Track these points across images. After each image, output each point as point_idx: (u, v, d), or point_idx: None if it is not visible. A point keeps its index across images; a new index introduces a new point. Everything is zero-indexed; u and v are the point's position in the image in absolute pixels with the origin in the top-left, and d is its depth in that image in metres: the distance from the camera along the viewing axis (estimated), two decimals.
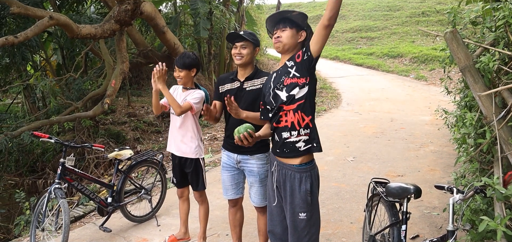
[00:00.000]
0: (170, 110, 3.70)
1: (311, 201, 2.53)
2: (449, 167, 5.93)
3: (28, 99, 9.91)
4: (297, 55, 2.56)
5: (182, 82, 3.64)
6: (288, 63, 2.60)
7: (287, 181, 2.57)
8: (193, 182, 3.78)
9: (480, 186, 2.29)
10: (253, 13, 15.05)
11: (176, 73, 3.62)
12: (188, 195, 3.96)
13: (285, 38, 2.60)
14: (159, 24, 8.10)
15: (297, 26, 2.62)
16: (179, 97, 3.68)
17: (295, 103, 2.51)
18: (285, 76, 2.56)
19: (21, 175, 8.53)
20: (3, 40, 5.30)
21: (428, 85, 13.65)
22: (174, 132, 3.74)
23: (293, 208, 2.54)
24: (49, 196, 3.83)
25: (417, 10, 24.14)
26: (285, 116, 2.55)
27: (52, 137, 4.11)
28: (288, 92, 2.53)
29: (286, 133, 2.54)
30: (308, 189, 2.52)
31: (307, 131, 2.53)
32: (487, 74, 2.53)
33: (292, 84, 2.52)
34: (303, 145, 2.52)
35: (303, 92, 2.51)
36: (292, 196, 2.54)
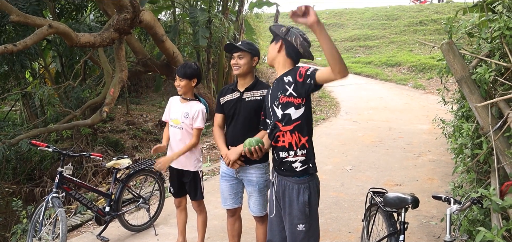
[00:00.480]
0: (170, 122, 3.71)
1: (309, 212, 2.54)
2: (447, 176, 5.94)
3: (27, 107, 9.90)
4: (299, 74, 2.50)
5: (182, 91, 3.63)
6: (285, 79, 2.58)
7: (286, 192, 2.59)
8: (192, 192, 3.76)
9: (477, 197, 2.30)
10: (252, 22, 15.11)
11: (176, 82, 3.61)
12: (185, 205, 3.95)
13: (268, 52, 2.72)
14: (158, 32, 8.13)
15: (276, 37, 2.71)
16: (179, 109, 3.67)
17: (291, 125, 2.53)
18: (281, 93, 2.56)
19: (19, 183, 8.51)
20: (2, 48, 5.31)
21: (426, 94, 13.70)
22: (173, 144, 3.71)
23: (292, 219, 2.55)
24: (47, 204, 3.82)
25: (415, 19, 24.27)
26: (282, 137, 2.57)
27: (50, 145, 4.11)
28: (283, 110, 2.54)
29: (284, 152, 2.57)
30: (306, 200, 2.53)
31: (303, 151, 2.55)
32: (483, 85, 2.55)
33: (288, 104, 2.53)
34: (299, 165, 2.55)
35: (299, 113, 2.53)
36: (291, 207, 2.56)
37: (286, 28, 2.65)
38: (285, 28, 2.65)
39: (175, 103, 3.75)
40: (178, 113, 3.65)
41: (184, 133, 3.64)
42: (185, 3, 12.25)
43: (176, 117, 3.67)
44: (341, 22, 27.84)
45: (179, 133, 3.65)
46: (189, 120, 3.61)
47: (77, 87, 8.52)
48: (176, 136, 3.67)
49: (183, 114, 3.61)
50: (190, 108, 3.62)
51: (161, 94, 13.97)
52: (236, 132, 3.17)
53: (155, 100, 13.86)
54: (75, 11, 9.36)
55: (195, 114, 3.60)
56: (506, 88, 2.59)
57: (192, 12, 10.10)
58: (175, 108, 3.70)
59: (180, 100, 3.72)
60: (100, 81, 9.12)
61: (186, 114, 3.60)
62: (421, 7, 26.98)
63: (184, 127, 3.62)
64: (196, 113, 3.60)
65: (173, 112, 3.72)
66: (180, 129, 3.64)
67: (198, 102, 3.68)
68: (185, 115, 3.60)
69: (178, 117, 3.65)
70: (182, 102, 3.69)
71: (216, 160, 7.55)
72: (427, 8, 26.38)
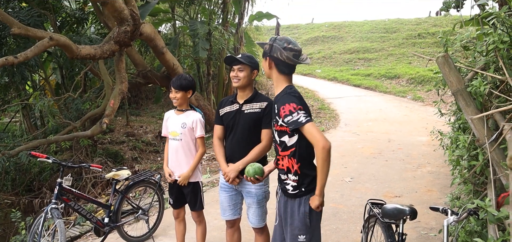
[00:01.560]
0: (169, 136, 3.74)
1: (309, 223, 2.57)
2: (446, 188, 5.94)
3: (27, 118, 9.92)
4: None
5: (177, 103, 3.66)
6: (276, 107, 2.57)
7: (288, 203, 2.64)
8: (191, 203, 3.77)
9: (473, 208, 2.32)
10: (252, 34, 15.20)
11: (172, 94, 3.65)
12: (184, 216, 3.95)
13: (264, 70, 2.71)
14: (158, 45, 8.19)
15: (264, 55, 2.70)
16: (176, 121, 3.71)
17: (288, 150, 2.58)
18: (275, 122, 2.61)
19: (18, 194, 8.49)
20: (3, 61, 5.36)
21: (425, 106, 13.74)
22: (173, 156, 3.73)
23: (293, 230, 2.59)
24: (46, 215, 3.83)
25: (413, 32, 24.46)
26: (281, 160, 2.65)
27: (49, 157, 4.13)
28: (279, 137, 2.60)
29: (283, 175, 2.67)
30: (306, 211, 2.56)
31: (295, 177, 2.59)
32: (479, 97, 2.58)
33: (282, 132, 2.57)
34: (291, 189, 2.61)
35: (293, 141, 2.55)
36: (292, 218, 2.60)
37: (268, 45, 2.59)
38: (268, 45, 2.60)
39: (171, 116, 3.79)
40: (175, 125, 3.68)
41: (183, 145, 3.65)
42: (185, 15, 12.35)
43: (174, 129, 3.69)
44: (340, 35, 28.02)
45: (178, 145, 3.66)
46: (187, 130, 3.63)
47: (77, 99, 8.55)
48: (175, 148, 3.69)
49: (180, 125, 3.64)
50: (187, 118, 3.66)
51: (161, 106, 14.00)
52: (235, 144, 3.19)
53: (155, 112, 13.89)
54: (76, 23, 9.44)
55: (193, 124, 3.64)
56: (501, 101, 2.62)
57: (192, 25, 10.17)
58: (172, 121, 3.74)
59: (175, 113, 3.76)
60: (100, 93, 9.16)
61: (183, 125, 3.63)
62: (419, 20, 27.16)
63: (183, 137, 3.64)
64: (195, 123, 3.64)
65: (170, 125, 3.74)
66: (179, 141, 3.65)
67: (194, 112, 3.73)
68: (183, 125, 3.63)
69: (175, 129, 3.68)
70: (178, 114, 3.72)
71: (216, 172, 7.55)
72: (426, 21, 26.58)
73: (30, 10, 7.62)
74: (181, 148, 3.66)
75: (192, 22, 10.55)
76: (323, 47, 26.17)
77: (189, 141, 3.67)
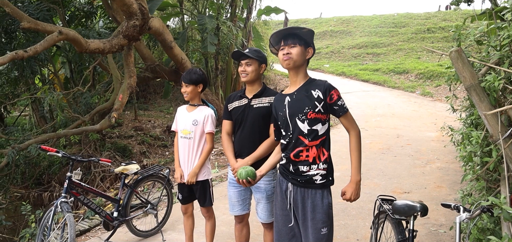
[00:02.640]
0: (179, 133, 3.68)
1: (331, 214, 2.57)
2: (456, 184, 5.89)
3: (36, 112, 10.00)
4: (331, 97, 2.54)
5: (188, 97, 3.62)
6: (314, 93, 2.55)
7: (308, 197, 2.57)
8: (201, 199, 3.73)
9: (487, 205, 2.28)
10: (260, 29, 15.15)
11: (183, 88, 3.61)
12: (192, 211, 3.92)
13: (295, 55, 2.57)
14: (166, 39, 8.19)
15: (305, 43, 2.61)
16: (187, 118, 3.65)
17: (318, 140, 2.55)
18: (310, 109, 2.53)
19: (27, 187, 8.58)
20: (13, 55, 5.38)
21: (434, 102, 13.62)
22: (184, 154, 3.66)
23: (315, 224, 2.53)
24: (55, 209, 3.85)
25: (422, 27, 24.23)
26: (306, 152, 2.56)
27: (59, 150, 4.15)
28: (311, 126, 2.53)
29: (305, 167, 2.57)
30: (330, 202, 2.58)
31: (325, 165, 2.58)
32: (493, 93, 2.53)
33: (317, 120, 2.53)
34: (319, 179, 2.56)
35: (325, 129, 2.57)
36: (314, 212, 2.54)
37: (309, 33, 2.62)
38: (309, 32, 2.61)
39: (182, 113, 3.73)
40: (187, 122, 3.62)
41: (194, 143, 3.60)
42: (194, 10, 12.34)
43: (184, 127, 3.63)
44: (349, 29, 27.85)
45: (189, 144, 3.61)
46: (199, 127, 3.58)
47: (86, 93, 8.60)
48: (185, 146, 3.63)
49: (192, 122, 3.59)
50: (199, 114, 3.61)
51: (169, 101, 14.04)
52: (243, 138, 3.18)
53: (163, 107, 13.94)
54: (84, 17, 9.48)
55: (205, 119, 3.58)
56: None
57: (200, 19, 10.17)
58: (183, 118, 3.68)
59: (187, 109, 3.70)
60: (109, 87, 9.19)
61: (195, 122, 3.58)
62: (429, 14, 26.88)
63: (193, 136, 3.58)
64: (206, 118, 3.58)
65: (181, 123, 3.68)
66: (189, 139, 3.60)
67: (206, 107, 3.67)
68: (194, 123, 3.58)
69: (186, 127, 3.61)
70: (190, 111, 3.66)
71: (224, 166, 7.56)
72: (435, 16, 26.31)
73: (39, 4, 7.65)
74: (192, 146, 3.60)
75: (200, 16, 10.55)
76: (331, 42, 26.04)
77: (199, 138, 3.61)
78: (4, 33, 7.93)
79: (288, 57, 2.57)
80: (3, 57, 5.38)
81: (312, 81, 2.63)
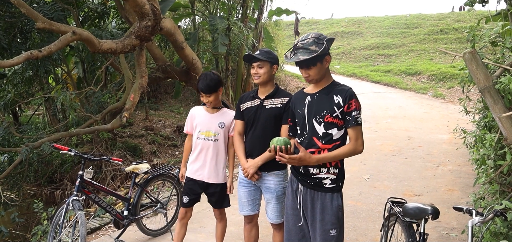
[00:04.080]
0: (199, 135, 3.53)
1: (341, 216, 2.56)
2: (468, 187, 5.81)
3: (49, 111, 10.13)
4: (349, 105, 2.51)
5: (212, 105, 3.51)
6: (335, 99, 2.53)
7: (317, 199, 2.58)
8: (219, 201, 3.62)
9: (500, 209, 2.25)
10: (271, 29, 15.14)
11: (204, 99, 3.46)
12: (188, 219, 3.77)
13: (315, 75, 2.55)
14: (178, 39, 8.22)
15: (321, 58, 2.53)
16: (210, 120, 3.52)
17: (331, 144, 2.54)
18: (328, 113, 2.52)
19: (40, 185, 8.69)
20: (28, 54, 5.45)
21: (446, 104, 13.47)
22: (201, 156, 3.54)
23: (324, 225, 2.53)
24: (67, 207, 3.89)
25: (435, 27, 23.98)
26: (317, 154, 2.55)
27: (72, 149, 4.19)
28: (326, 129, 2.53)
29: (315, 169, 2.57)
30: (340, 204, 2.57)
31: (336, 170, 2.57)
32: (508, 95, 2.49)
33: (333, 124, 2.53)
34: (329, 183, 2.56)
35: (341, 134, 2.56)
36: (323, 213, 2.54)
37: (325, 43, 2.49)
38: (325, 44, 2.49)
39: (201, 114, 3.59)
40: (210, 124, 3.50)
41: (218, 145, 3.51)
42: (205, 11, 12.38)
43: (208, 129, 3.50)
44: (360, 30, 27.69)
45: (214, 146, 3.50)
46: (225, 129, 3.50)
47: (98, 92, 8.68)
48: (208, 148, 3.50)
49: (218, 124, 3.48)
50: (224, 117, 3.53)
51: (179, 101, 14.11)
52: (255, 139, 3.18)
53: (173, 107, 14.00)
54: (97, 18, 9.57)
55: (232, 123, 3.49)
56: None
57: (211, 20, 10.19)
58: (204, 120, 3.54)
59: (207, 111, 3.58)
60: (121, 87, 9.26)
61: (221, 124, 3.49)
62: (442, 15, 26.59)
63: (219, 138, 3.49)
64: (233, 121, 3.47)
65: (202, 125, 3.54)
66: (213, 141, 3.49)
67: (229, 110, 3.59)
68: (221, 125, 3.49)
69: (210, 129, 3.50)
70: (212, 113, 3.55)
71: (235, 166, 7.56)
72: (449, 17, 26.01)
73: (54, 5, 7.75)
74: (215, 148, 3.50)
75: (211, 17, 10.57)
76: (342, 43, 25.91)
77: (224, 140, 3.53)
78: (20, 33, 8.05)
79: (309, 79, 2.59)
80: (18, 57, 5.46)
81: (336, 85, 2.61)
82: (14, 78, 8.93)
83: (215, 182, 3.56)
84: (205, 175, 3.54)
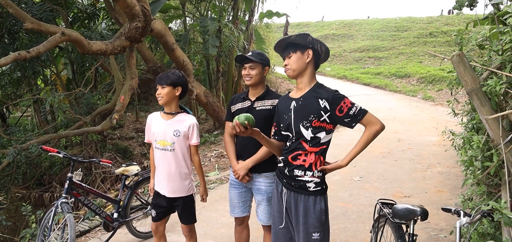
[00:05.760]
0: (155, 144, 3.23)
1: (324, 220, 2.55)
2: (457, 189, 5.88)
3: (38, 113, 10.03)
4: (340, 109, 2.49)
5: (163, 101, 3.12)
6: (321, 102, 2.50)
7: (300, 202, 2.57)
8: (184, 216, 3.35)
9: (487, 210, 2.28)
10: (262, 31, 15.17)
11: (157, 91, 3.16)
12: (164, 230, 3.50)
13: (293, 63, 2.57)
14: (168, 41, 8.21)
15: (301, 47, 2.57)
16: (165, 127, 3.19)
17: (318, 147, 2.54)
18: (315, 117, 2.50)
19: (28, 188, 8.59)
20: (16, 55, 5.40)
21: (435, 106, 13.61)
22: (163, 168, 3.22)
23: (307, 228, 2.53)
24: (56, 209, 3.85)
25: (425, 31, 24.24)
26: (304, 156, 2.56)
27: (60, 151, 4.15)
28: (314, 134, 2.52)
29: (300, 171, 2.56)
30: (322, 208, 2.55)
31: (320, 174, 2.57)
32: (494, 97, 2.53)
33: (320, 128, 2.52)
34: (313, 186, 2.55)
35: (328, 138, 2.56)
36: (306, 216, 2.54)
37: (310, 37, 2.54)
38: (310, 36, 2.54)
39: (157, 121, 3.24)
40: (166, 133, 3.16)
41: (175, 155, 3.18)
42: (196, 12, 12.37)
43: (163, 138, 3.16)
44: (351, 33, 27.87)
45: (169, 156, 3.17)
46: (181, 137, 3.15)
47: (87, 94, 8.61)
48: (165, 160, 3.19)
49: (173, 132, 3.15)
50: (180, 123, 3.18)
51: None
52: (245, 141, 3.18)
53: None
54: (87, 19, 9.51)
55: (189, 130, 3.18)
56: None
57: (202, 22, 10.19)
58: (159, 128, 3.20)
59: (163, 117, 3.23)
60: (111, 89, 9.21)
61: (176, 132, 3.15)
62: (431, 19, 26.89)
63: (175, 147, 3.15)
64: (190, 128, 3.19)
65: (157, 133, 3.20)
66: (170, 151, 3.16)
67: (187, 115, 3.25)
68: (176, 133, 3.15)
69: (165, 138, 3.16)
70: (167, 119, 3.20)
71: (225, 168, 7.56)
72: (438, 20, 26.31)
73: (42, 5, 7.69)
74: (173, 159, 3.17)
75: (202, 19, 10.57)
76: (333, 45, 26.05)
77: (183, 150, 3.19)
78: (7, 33, 7.96)
79: (287, 69, 2.61)
80: (6, 58, 5.40)
81: (320, 87, 2.60)
82: (2, 79, 8.83)
83: (178, 195, 3.26)
84: (166, 189, 3.25)
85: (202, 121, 12.39)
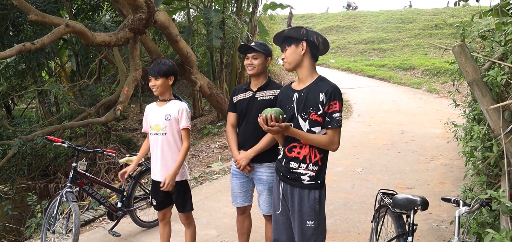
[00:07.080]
0: (150, 130, 3.35)
1: (319, 209, 2.57)
2: (459, 181, 5.88)
3: (42, 104, 10.10)
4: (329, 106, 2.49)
5: (158, 91, 3.26)
6: (321, 96, 2.51)
7: (295, 190, 2.61)
8: (179, 204, 3.41)
9: (486, 199, 2.29)
10: (265, 23, 15.13)
11: (151, 83, 3.26)
12: (170, 218, 3.62)
13: (288, 56, 2.60)
14: (172, 33, 8.21)
15: (295, 41, 2.58)
16: (158, 113, 3.31)
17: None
18: (313, 110, 2.52)
19: (34, 178, 8.69)
20: (20, 47, 5.44)
21: (439, 98, 13.56)
22: (156, 154, 3.31)
23: (301, 216, 2.57)
24: (61, 199, 3.90)
25: (430, 23, 24.08)
26: (299, 149, 2.58)
27: (65, 141, 4.20)
28: (311, 127, 2.54)
29: (295, 163, 2.59)
30: (317, 197, 2.57)
31: (315, 167, 2.57)
32: (495, 88, 2.53)
33: (317, 122, 2.53)
34: (307, 179, 2.57)
35: (324, 132, 2.55)
36: (301, 204, 2.58)
37: (304, 29, 2.56)
38: (304, 29, 2.56)
39: (152, 110, 3.38)
40: (158, 118, 3.28)
41: (168, 140, 3.26)
42: (200, 4, 12.34)
43: (156, 123, 3.28)
44: (355, 24, 27.74)
45: (162, 140, 3.26)
46: (172, 121, 3.24)
47: (91, 85, 8.67)
48: (158, 144, 3.28)
49: (164, 117, 3.25)
50: (171, 108, 3.27)
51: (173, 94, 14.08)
52: (247, 131, 3.21)
53: None
54: (91, 11, 9.54)
55: (178, 114, 3.25)
56: None
57: (206, 13, 10.17)
58: (154, 114, 3.33)
59: (157, 105, 3.36)
60: (115, 80, 9.26)
61: (167, 116, 3.24)
62: (437, 11, 26.68)
63: (167, 131, 3.25)
64: (180, 112, 3.25)
65: (152, 119, 3.33)
66: (162, 135, 3.25)
67: (178, 101, 3.35)
68: (167, 117, 3.24)
69: (158, 122, 3.27)
70: (161, 106, 3.32)
71: (227, 160, 7.59)
72: (443, 12, 26.11)
73: None
74: (166, 143, 3.26)
75: (206, 10, 10.55)
76: (337, 37, 25.95)
77: (175, 134, 3.27)
78: (12, 25, 8.00)
79: (284, 62, 2.65)
80: (11, 50, 5.45)
81: (322, 80, 2.60)
82: (7, 71, 8.89)
83: None
84: (159, 174, 3.31)
85: (205, 113, 12.42)
